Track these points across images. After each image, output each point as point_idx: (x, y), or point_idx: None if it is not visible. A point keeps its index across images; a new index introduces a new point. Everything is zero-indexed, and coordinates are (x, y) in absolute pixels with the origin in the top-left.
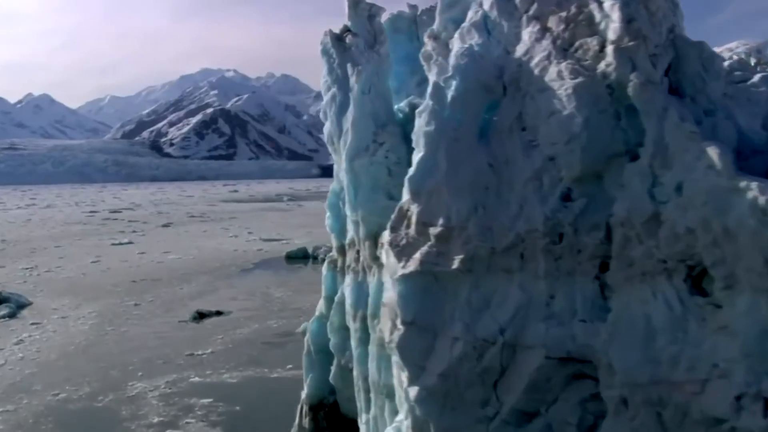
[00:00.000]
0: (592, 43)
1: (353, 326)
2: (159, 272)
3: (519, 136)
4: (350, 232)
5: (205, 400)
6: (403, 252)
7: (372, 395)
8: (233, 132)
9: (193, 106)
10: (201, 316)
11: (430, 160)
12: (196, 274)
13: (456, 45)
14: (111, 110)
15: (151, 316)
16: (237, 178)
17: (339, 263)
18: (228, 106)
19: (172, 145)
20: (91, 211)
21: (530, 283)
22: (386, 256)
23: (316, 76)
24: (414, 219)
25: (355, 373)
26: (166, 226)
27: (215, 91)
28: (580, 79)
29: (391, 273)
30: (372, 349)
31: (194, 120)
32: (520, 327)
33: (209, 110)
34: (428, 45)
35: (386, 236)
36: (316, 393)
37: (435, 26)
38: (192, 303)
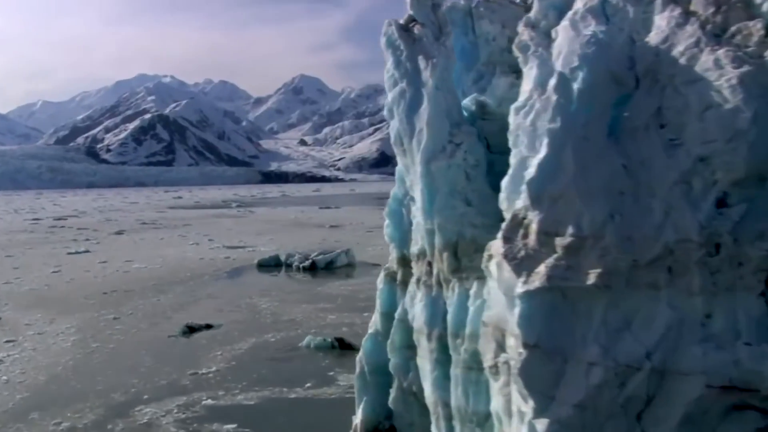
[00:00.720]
0: (755, 27)
1: (427, 346)
2: (129, 283)
3: (657, 134)
4: (419, 242)
5: (229, 426)
6: (522, 265)
7: (456, 423)
8: (172, 138)
9: (129, 112)
10: (191, 330)
11: (553, 161)
12: (169, 284)
13: (565, 33)
14: (43, 116)
15: (135, 330)
16: (177, 184)
17: (399, 276)
18: (166, 111)
19: (108, 151)
20: (34, 219)
21: (682, 301)
22: (497, 269)
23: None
24: (534, 228)
25: (431, 398)
26: (119, 233)
27: (152, 97)
28: (745, 68)
29: (505, 289)
30: (456, 372)
31: (131, 126)
32: (670, 350)
33: (147, 116)
34: (524, 34)
35: (497, 247)
36: (371, 417)
37: (533, 14)
38: (175, 315)
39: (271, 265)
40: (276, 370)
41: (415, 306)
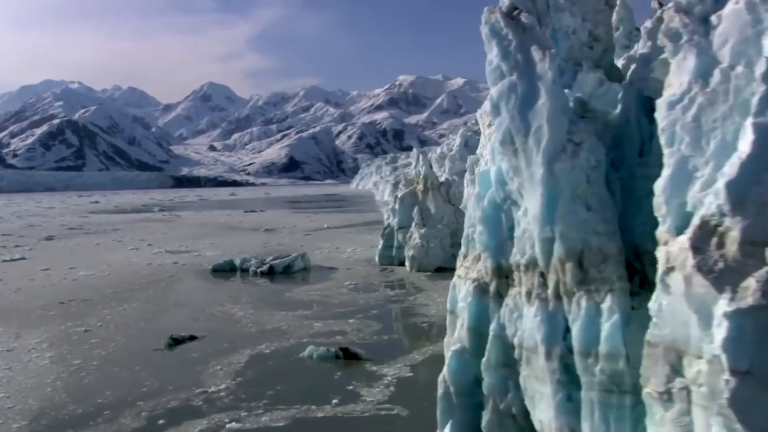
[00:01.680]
0: None
1: (546, 366)
2: (83, 291)
3: None
4: (527, 251)
5: None
6: (722, 280)
7: None
8: (81, 143)
9: (36, 117)
10: (175, 342)
11: (761, 159)
12: (128, 291)
13: (736, 19)
14: None
15: (114, 344)
16: (88, 189)
17: (492, 288)
18: (75, 117)
19: (15, 156)
20: None
21: None
22: (685, 284)
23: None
24: (736, 236)
25: (554, 423)
26: (49, 239)
27: (60, 103)
28: None
29: (698, 306)
30: (590, 395)
31: (39, 131)
32: None
33: (55, 121)
34: (675, 21)
35: (681, 258)
36: None
37: None
38: (149, 326)
39: (226, 270)
40: (290, 385)
41: (524, 322)
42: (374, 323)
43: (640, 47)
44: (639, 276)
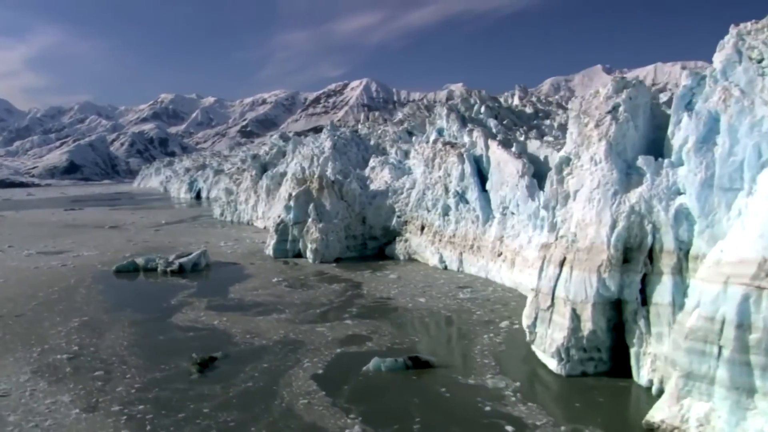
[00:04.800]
0: None
1: None
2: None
3: None
4: None
5: None
6: None
7: None
8: None
9: None
10: (200, 365)
11: None
12: (50, 302)
13: None
14: None
15: (118, 373)
16: None
17: None
18: None
19: None
20: None
21: None
22: None
23: None
24: None
25: None
26: None
27: None
28: None
29: None
30: None
31: None
32: None
33: None
34: None
35: None
36: None
37: None
38: (143, 343)
39: (130, 270)
40: (404, 408)
41: None
42: (380, 323)
43: None
44: None
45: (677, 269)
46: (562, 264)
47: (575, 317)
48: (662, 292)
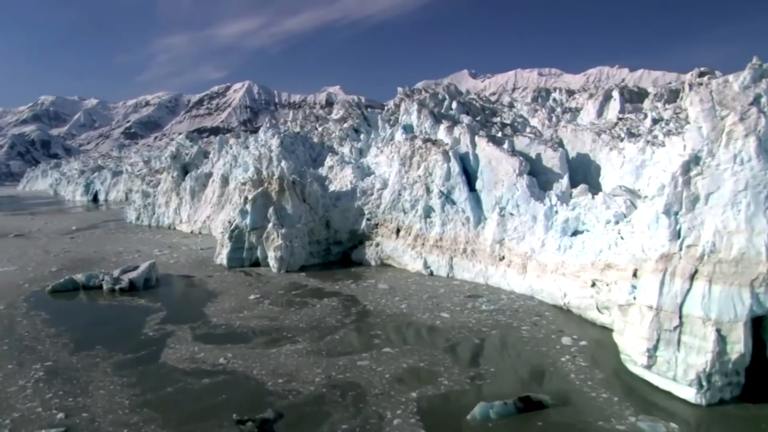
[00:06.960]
0: None
1: None
2: None
3: None
4: None
5: None
6: None
7: None
8: None
9: None
10: (241, 422)
11: None
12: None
13: None
14: None
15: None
16: None
17: None
18: None
19: None
20: None
21: None
22: None
23: None
24: None
25: None
26: None
27: None
28: None
29: None
30: None
31: None
32: None
33: None
34: None
35: None
36: None
37: None
38: (151, 407)
39: (69, 289)
40: None
41: None
42: (429, 350)
43: None
44: None
45: None
46: (692, 278)
47: (720, 339)
48: None
